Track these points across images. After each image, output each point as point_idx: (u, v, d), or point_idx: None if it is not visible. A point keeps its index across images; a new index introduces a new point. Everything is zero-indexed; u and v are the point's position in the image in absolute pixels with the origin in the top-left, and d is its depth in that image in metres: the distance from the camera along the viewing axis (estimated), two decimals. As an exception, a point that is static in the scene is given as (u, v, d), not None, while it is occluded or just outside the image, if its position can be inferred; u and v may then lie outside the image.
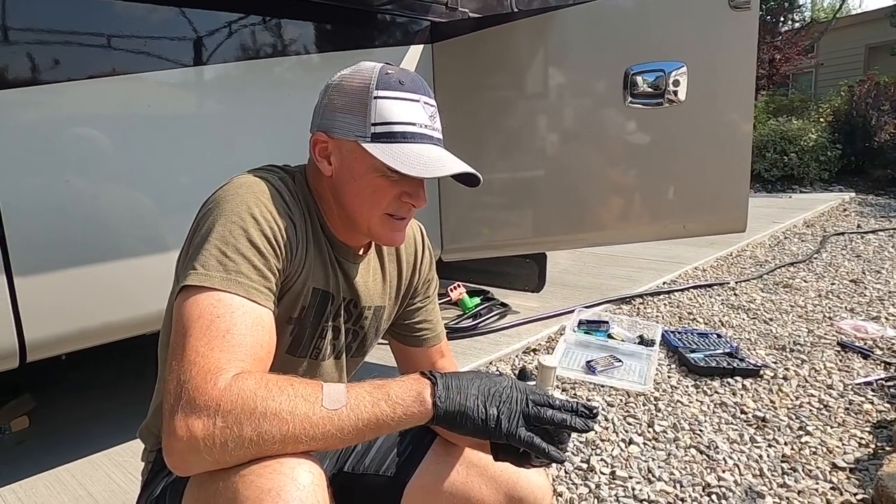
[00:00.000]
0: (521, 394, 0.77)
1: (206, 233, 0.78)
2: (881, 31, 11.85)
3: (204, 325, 0.72)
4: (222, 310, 0.73)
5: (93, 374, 2.56)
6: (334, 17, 2.10)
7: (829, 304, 3.12)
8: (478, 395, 0.75)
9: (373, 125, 0.83)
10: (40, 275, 1.48)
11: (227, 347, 0.71)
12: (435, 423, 0.74)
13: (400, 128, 0.84)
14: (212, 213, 0.80)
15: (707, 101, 2.16)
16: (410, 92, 0.86)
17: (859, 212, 6.20)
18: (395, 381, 0.75)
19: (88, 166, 1.59)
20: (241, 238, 0.78)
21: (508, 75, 2.44)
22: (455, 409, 0.74)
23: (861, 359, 2.38)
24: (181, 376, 0.69)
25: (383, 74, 0.85)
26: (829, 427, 1.87)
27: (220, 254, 0.76)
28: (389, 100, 0.84)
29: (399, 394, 0.73)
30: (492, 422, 0.74)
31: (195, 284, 0.75)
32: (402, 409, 0.72)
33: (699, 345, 2.48)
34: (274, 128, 1.94)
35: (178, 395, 0.68)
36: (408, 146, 0.83)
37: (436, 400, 0.73)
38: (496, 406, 0.74)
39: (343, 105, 0.86)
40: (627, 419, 1.97)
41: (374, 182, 0.86)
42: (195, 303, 0.74)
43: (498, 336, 2.73)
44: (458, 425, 0.74)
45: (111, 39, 1.60)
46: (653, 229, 2.44)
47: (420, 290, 1.10)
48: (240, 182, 0.84)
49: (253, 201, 0.81)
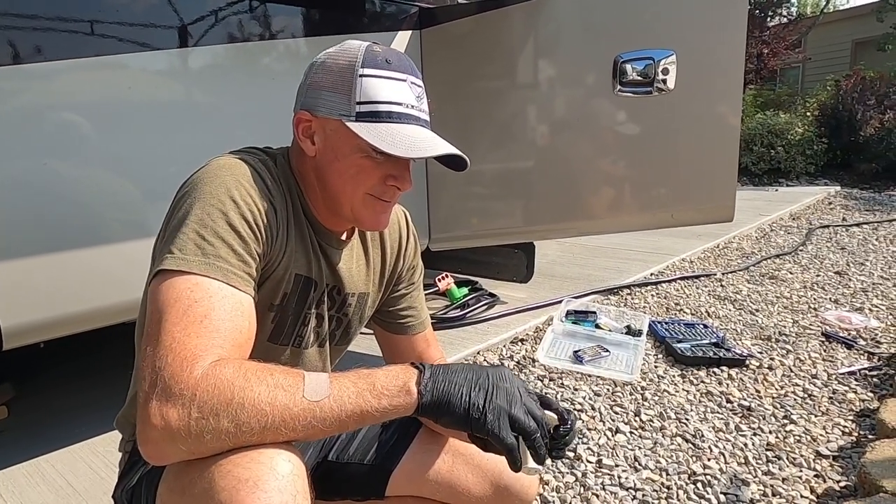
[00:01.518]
0: (515, 396, 0.75)
1: (184, 216, 0.76)
2: (868, 27, 11.92)
3: (181, 310, 0.69)
4: (200, 294, 0.71)
5: (73, 363, 2.52)
6: (321, 1, 2.06)
7: (815, 295, 3.14)
8: (464, 386, 0.73)
9: (358, 104, 0.81)
10: (17, 260, 1.45)
11: (204, 333, 0.69)
12: (419, 413, 0.72)
13: (385, 107, 0.81)
14: (189, 196, 0.78)
15: (696, 90, 2.16)
16: (397, 71, 0.83)
17: (844, 205, 6.26)
18: (382, 370, 0.73)
19: (68, 149, 1.55)
20: (220, 221, 0.75)
21: (498, 62, 2.41)
22: (438, 398, 0.72)
23: (845, 349, 2.40)
24: (156, 363, 0.66)
25: (369, 52, 0.83)
26: (813, 416, 1.89)
27: (199, 237, 0.74)
28: (375, 78, 0.82)
29: (385, 384, 0.71)
30: (475, 414, 0.72)
31: (172, 268, 0.72)
32: (388, 399, 0.70)
33: (686, 335, 2.49)
34: (256, 111, 1.91)
35: (153, 382, 0.65)
36: (393, 126, 0.81)
37: (421, 389, 0.71)
38: (482, 400, 0.72)
39: (328, 83, 0.83)
40: (614, 408, 1.97)
41: (358, 162, 0.83)
42: (171, 287, 0.71)
43: (486, 326, 2.72)
44: (441, 415, 0.72)
45: (90, 20, 1.56)
46: (642, 218, 2.44)
47: (405, 276, 1.09)
48: (219, 164, 0.81)
49: (233, 183, 0.78)
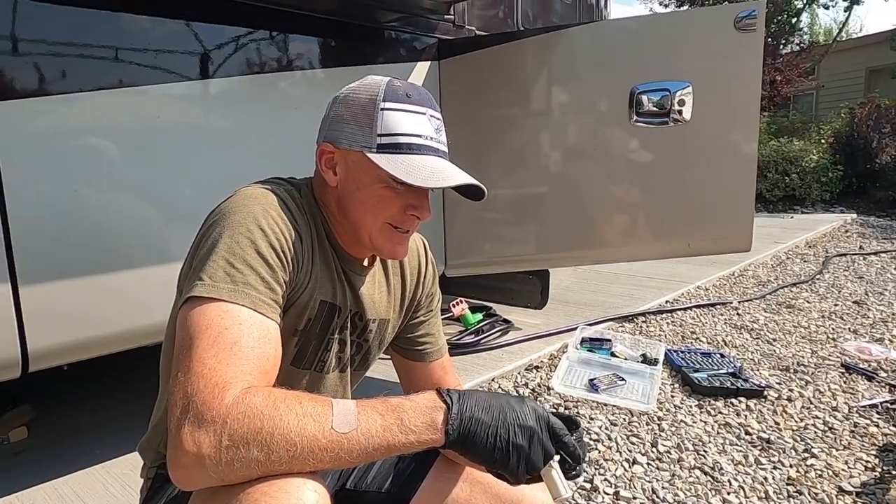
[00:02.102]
0: (537, 438, 0.76)
1: (213, 244, 0.78)
2: (882, 55, 11.94)
3: (211, 337, 0.71)
4: (230, 321, 0.73)
5: (92, 385, 2.55)
6: (343, 33, 2.12)
7: (833, 325, 3.11)
8: (490, 425, 0.74)
9: (379, 136, 0.84)
10: (45, 283, 1.48)
11: (234, 360, 0.70)
12: (445, 448, 0.73)
13: (405, 139, 0.84)
14: (218, 225, 0.80)
15: (712, 121, 2.18)
16: (417, 104, 0.86)
17: (861, 233, 6.20)
18: (409, 402, 0.73)
19: (98, 176, 1.59)
20: (249, 249, 0.78)
21: (515, 93, 2.45)
22: (464, 437, 0.73)
23: (866, 381, 2.37)
24: (188, 388, 0.68)
25: (390, 87, 0.86)
26: (834, 450, 1.85)
27: (228, 265, 0.76)
28: (396, 111, 0.85)
29: (412, 419, 0.71)
30: (498, 455, 0.73)
31: (202, 295, 0.74)
32: (415, 436, 0.71)
33: (702, 364, 2.47)
34: (282, 141, 1.95)
35: (185, 407, 0.67)
36: (413, 157, 0.84)
37: (448, 428, 0.72)
38: (506, 441, 0.74)
39: (350, 116, 0.87)
40: (631, 438, 1.95)
41: (378, 192, 0.86)
42: (202, 314, 0.73)
43: (500, 353, 2.72)
44: (465, 452, 0.74)
45: (121, 52, 1.62)
46: (658, 247, 2.44)
47: (423, 303, 1.10)
48: (246, 193, 0.84)
49: (260, 213, 0.81)
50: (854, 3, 12.25)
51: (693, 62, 2.18)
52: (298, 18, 1.98)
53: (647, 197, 2.37)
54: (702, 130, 2.18)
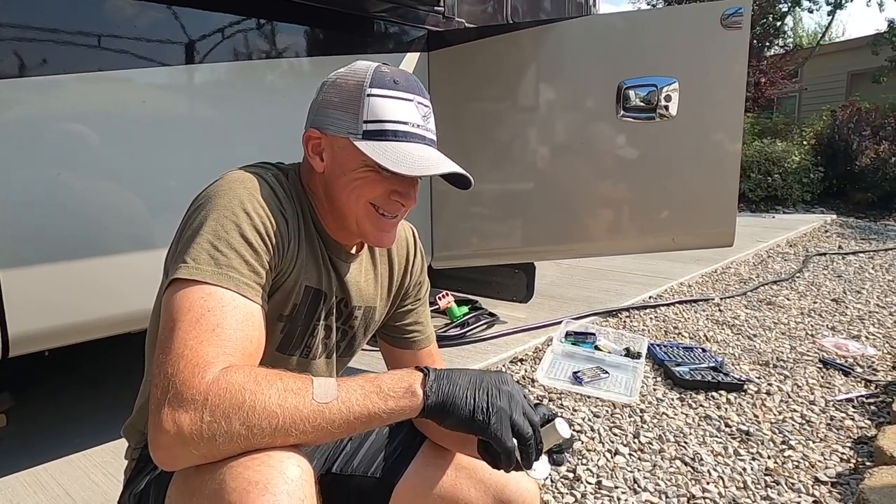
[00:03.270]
0: (516, 399, 0.76)
1: (198, 227, 0.78)
2: (863, 59, 12.14)
3: (193, 319, 0.71)
4: (212, 304, 0.73)
5: (72, 372, 2.52)
6: (332, 22, 2.11)
7: (812, 322, 3.16)
8: (468, 388, 0.75)
9: (365, 122, 0.84)
10: (27, 268, 1.46)
11: (216, 341, 0.70)
12: (425, 414, 0.73)
13: (392, 126, 0.84)
14: (203, 208, 0.80)
15: (698, 117, 2.20)
16: (404, 91, 0.86)
17: (840, 233, 6.31)
18: (388, 374, 0.75)
19: (79, 162, 1.57)
20: (234, 233, 0.77)
21: (503, 86, 2.46)
22: (443, 399, 0.73)
23: (842, 376, 2.41)
24: (169, 369, 0.68)
25: (378, 73, 0.86)
26: (811, 442, 1.89)
27: (212, 248, 0.76)
28: (382, 98, 0.84)
29: (391, 386, 0.73)
30: (479, 416, 0.73)
31: (185, 278, 0.74)
32: (394, 401, 0.72)
33: (684, 358, 2.50)
34: (268, 129, 1.94)
35: (165, 388, 0.67)
36: (399, 144, 0.84)
37: (426, 390, 0.73)
38: (486, 402, 0.74)
39: (337, 102, 0.86)
40: (613, 430, 1.98)
41: (363, 175, 0.86)
42: (185, 296, 0.73)
43: (485, 345, 2.73)
44: (445, 416, 0.73)
45: (105, 35, 1.59)
46: (643, 241, 2.46)
47: (411, 292, 1.10)
48: (232, 177, 0.83)
49: (246, 196, 0.80)
50: (837, 8, 12.43)
51: (680, 58, 2.20)
52: (287, 6, 1.97)
53: (632, 191, 2.40)
54: (687, 126, 2.20)
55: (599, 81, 2.28)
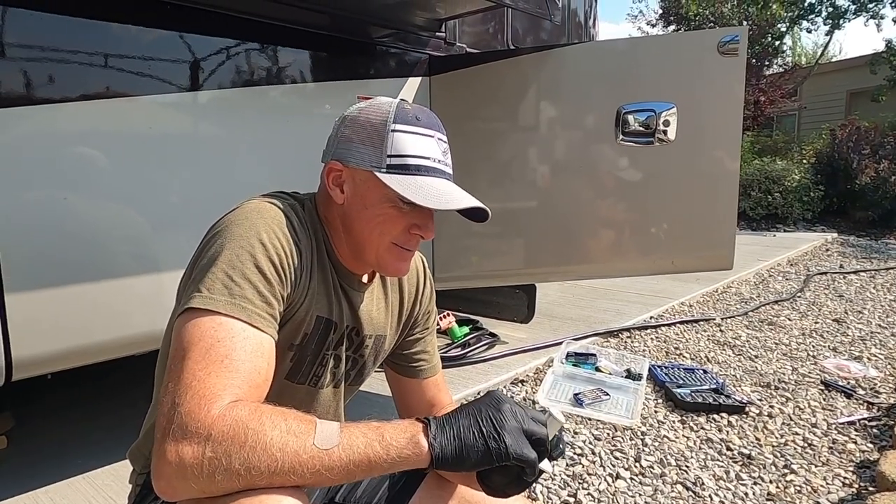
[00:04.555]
0: (517, 411, 0.76)
1: (214, 256, 0.79)
2: (862, 78, 12.23)
3: (203, 349, 0.72)
4: (223, 334, 0.74)
5: (73, 393, 2.52)
6: (337, 47, 2.14)
7: (813, 342, 3.16)
8: (471, 424, 0.74)
9: (388, 157, 0.86)
10: (32, 291, 1.47)
11: (224, 373, 0.71)
12: (437, 465, 0.72)
13: (414, 161, 0.86)
14: (220, 237, 0.81)
15: (696, 142, 2.23)
16: (426, 127, 0.88)
17: (841, 252, 6.32)
18: (391, 423, 0.75)
19: (86, 185, 1.59)
20: (249, 263, 0.79)
21: (504, 110, 2.49)
22: (452, 447, 0.73)
23: (844, 398, 2.41)
24: (176, 399, 0.69)
25: (401, 109, 0.88)
26: (813, 466, 1.89)
27: (227, 277, 0.77)
28: (406, 133, 0.87)
29: (393, 435, 0.72)
30: (494, 444, 0.73)
31: (199, 307, 0.75)
32: (396, 450, 0.71)
33: (686, 380, 2.50)
34: (273, 154, 1.96)
35: (170, 417, 0.68)
36: (421, 178, 0.86)
37: (430, 440, 0.72)
38: (494, 428, 0.73)
39: (360, 137, 0.88)
40: (614, 453, 1.97)
41: (385, 211, 0.88)
42: (196, 325, 0.74)
43: (486, 366, 2.73)
44: (462, 461, 0.73)
45: (115, 62, 1.63)
46: (643, 264, 2.48)
47: (420, 321, 1.12)
48: (250, 207, 0.85)
49: (263, 227, 0.82)
50: (835, 28, 12.55)
51: (678, 84, 2.23)
52: (293, 33, 2.00)
53: (632, 214, 2.41)
54: (686, 151, 2.23)
55: (598, 106, 2.32)
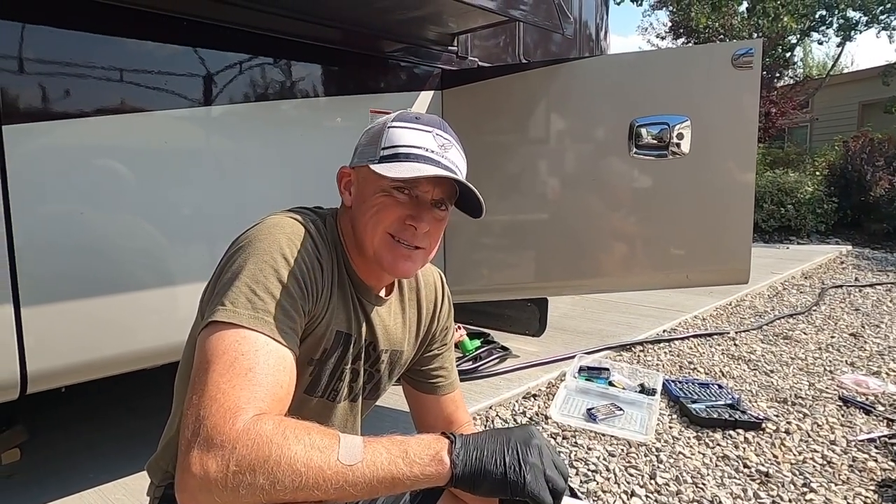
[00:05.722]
0: (546, 453, 0.75)
1: (238, 270, 0.80)
2: (874, 90, 12.16)
3: (227, 362, 0.72)
4: (247, 347, 0.74)
5: (85, 406, 2.52)
6: (351, 62, 2.16)
7: (830, 357, 3.11)
8: (496, 450, 0.73)
9: (382, 149, 0.88)
10: (48, 305, 1.48)
11: (248, 386, 0.71)
12: (455, 483, 0.72)
13: (405, 149, 0.87)
14: (244, 251, 0.82)
15: (710, 155, 2.21)
16: (424, 125, 0.91)
17: (856, 265, 6.24)
18: (415, 438, 0.74)
19: (103, 200, 1.60)
20: (272, 278, 0.79)
21: (517, 123, 2.49)
22: (472, 468, 0.72)
23: (863, 414, 2.36)
24: (200, 411, 0.69)
25: (402, 112, 0.92)
26: (833, 484, 1.85)
27: (250, 292, 0.78)
28: (401, 129, 0.89)
29: (417, 452, 0.72)
30: (513, 476, 0.72)
31: (223, 320, 0.75)
32: (419, 468, 0.71)
33: (700, 395, 2.47)
34: (287, 168, 1.97)
35: (195, 430, 0.68)
36: (409, 164, 0.86)
37: (453, 458, 0.72)
38: (517, 461, 0.73)
39: (365, 140, 0.93)
40: (629, 470, 1.94)
41: (379, 201, 0.89)
42: (220, 339, 0.74)
43: (498, 380, 2.71)
44: (477, 484, 0.72)
45: (131, 76, 1.64)
46: (657, 278, 2.45)
47: (438, 336, 1.11)
48: (273, 222, 0.86)
49: (285, 242, 0.83)
50: (846, 40, 12.51)
51: (692, 97, 2.23)
52: (306, 48, 2.02)
53: (645, 228, 2.40)
54: (700, 164, 2.22)
55: (611, 119, 2.31)
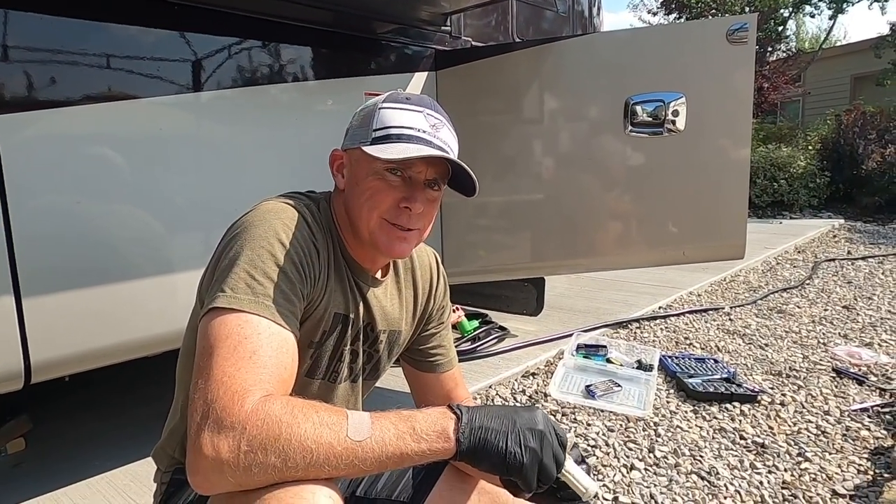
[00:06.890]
0: (548, 440, 0.77)
1: (235, 256, 0.80)
2: (866, 62, 12.13)
3: (231, 346, 0.73)
4: (249, 331, 0.75)
5: (89, 395, 2.54)
6: (343, 44, 2.14)
7: (823, 329, 3.16)
8: (500, 432, 0.75)
9: (374, 131, 0.88)
10: (49, 295, 1.48)
11: (253, 369, 0.72)
12: (458, 459, 0.74)
13: (396, 130, 0.87)
14: (240, 238, 0.82)
15: (706, 131, 2.22)
16: (415, 105, 0.90)
17: (849, 238, 6.29)
18: (421, 413, 0.75)
19: (100, 188, 1.60)
20: (270, 262, 0.80)
21: (511, 103, 2.48)
22: (475, 446, 0.74)
23: (856, 385, 2.41)
24: (208, 395, 0.70)
25: (392, 93, 0.92)
26: (827, 453, 1.89)
27: (249, 277, 0.78)
28: (392, 109, 0.89)
29: (424, 428, 0.73)
30: (511, 460, 0.74)
31: (224, 306, 0.76)
32: (427, 444, 0.73)
33: (697, 370, 2.50)
34: (280, 151, 1.96)
35: (205, 413, 0.69)
36: (401, 145, 0.87)
37: (459, 436, 0.74)
38: (518, 447, 0.75)
39: (357, 122, 0.93)
40: (628, 444, 1.98)
41: (372, 185, 0.89)
42: (222, 323, 0.75)
43: (497, 360, 2.74)
44: (479, 461, 0.74)
45: (123, 63, 1.63)
46: (653, 255, 2.47)
47: (435, 316, 1.12)
48: (267, 207, 0.86)
49: (280, 227, 0.83)
50: (838, 12, 12.43)
51: (686, 73, 2.22)
52: (298, 31, 2.00)
53: (641, 205, 2.41)
54: (695, 140, 2.22)
55: (606, 97, 2.31)
